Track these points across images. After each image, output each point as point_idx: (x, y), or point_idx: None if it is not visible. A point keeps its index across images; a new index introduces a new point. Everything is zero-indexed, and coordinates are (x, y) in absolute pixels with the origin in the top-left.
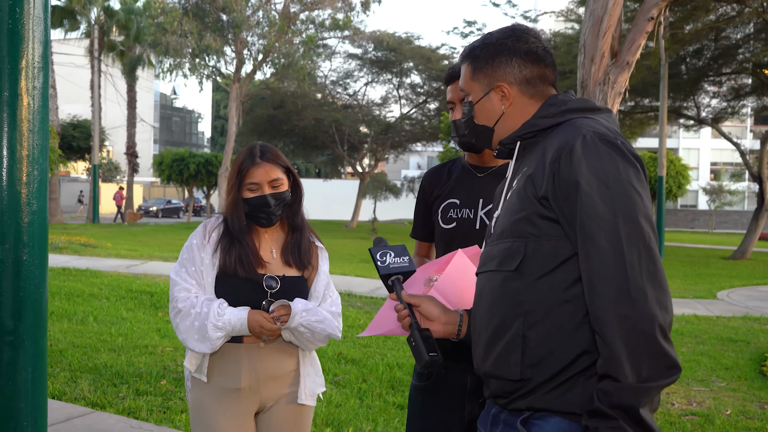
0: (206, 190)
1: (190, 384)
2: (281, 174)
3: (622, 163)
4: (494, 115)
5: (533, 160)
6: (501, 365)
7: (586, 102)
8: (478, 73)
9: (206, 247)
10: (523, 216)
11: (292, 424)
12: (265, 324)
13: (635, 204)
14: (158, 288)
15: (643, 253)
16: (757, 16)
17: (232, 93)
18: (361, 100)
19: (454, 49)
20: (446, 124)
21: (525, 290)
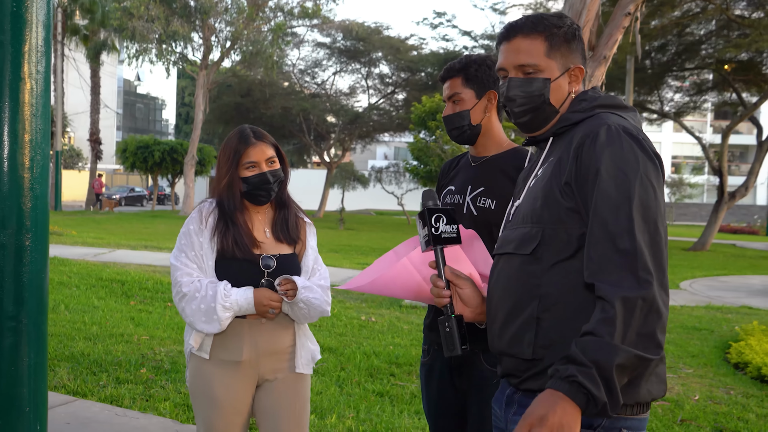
0: (171, 178)
1: (189, 359)
2: (273, 152)
3: (642, 157)
4: (562, 96)
5: (560, 149)
6: (515, 344)
7: (614, 99)
8: (555, 51)
9: (204, 232)
10: (543, 203)
11: (292, 394)
12: (271, 302)
13: (648, 196)
14: (129, 276)
15: (652, 239)
16: (720, 13)
17: (199, 80)
18: (329, 90)
19: (424, 40)
20: (417, 115)
21: (541, 274)
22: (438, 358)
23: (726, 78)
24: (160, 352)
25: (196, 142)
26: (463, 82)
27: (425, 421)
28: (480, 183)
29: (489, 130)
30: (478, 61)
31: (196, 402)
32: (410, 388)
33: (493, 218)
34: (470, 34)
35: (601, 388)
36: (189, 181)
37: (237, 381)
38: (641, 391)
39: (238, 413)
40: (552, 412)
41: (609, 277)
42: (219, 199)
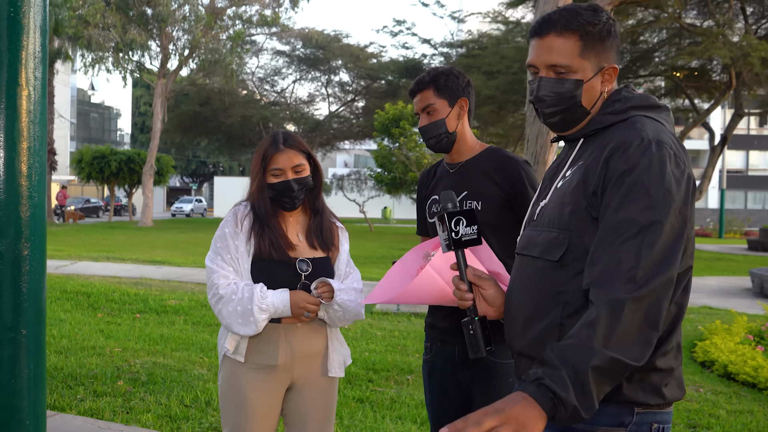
0: (128, 189)
1: (223, 362)
2: (303, 160)
3: (671, 175)
4: (594, 97)
5: (591, 155)
6: (536, 348)
7: (648, 99)
8: (589, 51)
9: (240, 235)
10: (572, 210)
11: (322, 397)
12: (308, 304)
13: (671, 218)
14: (94, 288)
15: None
16: (672, 21)
17: (157, 89)
18: (288, 98)
19: (383, 48)
20: (380, 122)
21: (566, 282)
22: (440, 355)
23: (678, 85)
24: (135, 363)
25: (154, 152)
26: (434, 93)
27: (408, 425)
28: (462, 187)
29: (463, 136)
30: (446, 72)
31: (226, 405)
32: (389, 393)
33: (481, 219)
34: (430, 42)
35: (570, 391)
36: (148, 191)
37: (270, 385)
38: (664, 394)
39: (268, 418)
40: (510, 407)
41: (604, 283)
42: (252, 203)
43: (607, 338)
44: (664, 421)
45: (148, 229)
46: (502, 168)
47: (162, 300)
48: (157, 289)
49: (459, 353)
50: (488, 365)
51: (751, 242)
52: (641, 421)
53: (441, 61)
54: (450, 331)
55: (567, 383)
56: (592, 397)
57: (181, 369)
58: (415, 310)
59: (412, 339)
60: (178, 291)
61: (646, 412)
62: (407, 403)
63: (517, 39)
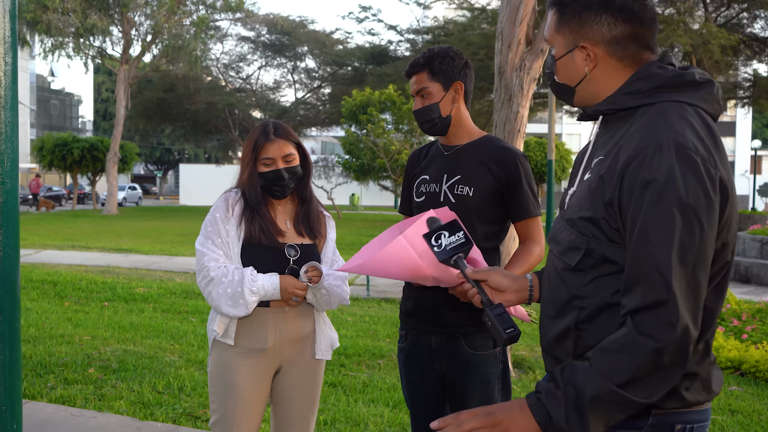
0: (91, 177)
1: (213, 346)
2: (293, 149)
3: (693, 188)
4: (577, 75)
5: (611, 152)
6: (556, 348)
7: (681, 77)
8: (563, 26)
9: (230, 220)
10: (590, 216)
11: (309, 379)
12: (296, 289)
13: (693, 236)
14: (60, 277)
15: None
16: None
17: (119, 75)
18: (254, 84)
19: (349, 34)
20: (348, 109)
21: (582, 287)
22: (416, 344)
23: None
24: (105, 351)
25: (118, 139)
26: (429, 76)
27: (381, 408)
28: (456, 171)
29: (459, 119)
30: (441, 53)
31: (216, 389)
32: (361, 378)
33: (471, 205)
34: (396, 28)
35: (561, 411)
36: (112, 179)
37: (259, 368)
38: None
39: (257, 401)
40: (501, 413)
41: (636, 311)
42: (242, 190)
43: (620, 373)
44: (693, 420)
45: (113, 217)
46: (499, 157)
47: (130, 288)
48: (125, 277)
49: (436, 343)
50: (465, 355)
51: None
52: (660, 423)
53: (407, 48)
54: (425, 320)
55: (561, 403)
56: (586, 424)
57: (152, 356)
58: (385, 295)
59: (382, 324)
60: (147, 279)
61: (666, 413)
62: (379, 387)
63: (482, 26)
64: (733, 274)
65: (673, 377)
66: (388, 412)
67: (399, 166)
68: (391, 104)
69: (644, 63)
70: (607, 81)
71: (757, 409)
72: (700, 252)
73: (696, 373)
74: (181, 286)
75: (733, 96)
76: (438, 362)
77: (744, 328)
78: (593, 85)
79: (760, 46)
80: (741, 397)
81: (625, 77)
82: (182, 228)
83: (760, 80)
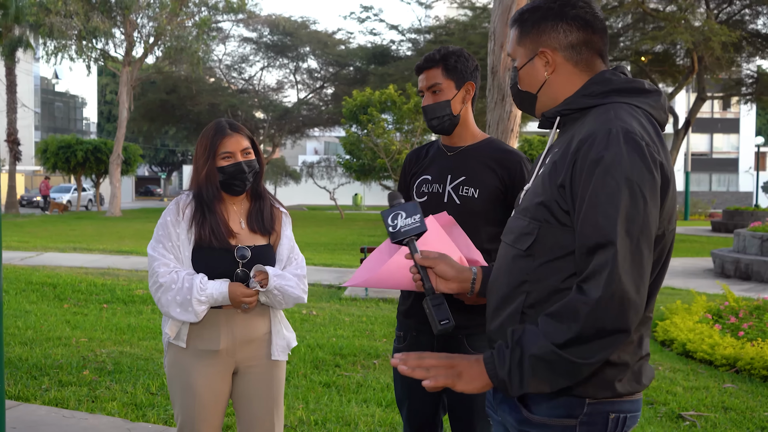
0: (95, 179)
1: (167, 349)
2: (248, 144)
3: (638, 165)
4: (537, 81)
5: (564, 143)
6: (500, 334)
7: (632, 83)
8: (524, 38)
9: (181, 223)
10: (542, 201)
11: (268, 380)
12: (245, 297)
13: (637, 209)
14: (60, 279)
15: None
16: (636, 6)
17: (122, 77)
18: (256, 85)
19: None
20: (348, 109)
21: (531, 271)
22: (416, 345)
23: (643, 69)
24: (101, 353)
25: (121, 141)
26: (443, 72)
27: (373, 408)
28: (461, 172)
29: (466, 120)
30: (457, 52)
31: (174, 391)
32: (356, 378)
33: (476, 207)
34: (397, 28)
35: (505, 367)
36: (115, 181)
37: (214, 370)
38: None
39: (215, 401)
40: (460, 360)
41: (583, 281)
42: (197, 190)
43: (560, 334)
44: (626, 410)
45: (116, 219)
46: (504, 159)
47: (129, 290)
48: (125, 279)
49: (437, 344)
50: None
51: (714, 224)
52: (594, 411)
53: (409, 47)
54: (427, 321)
55: (506, 359)
56: (525, 379)
57: (147, 357)
58: (383, 295)
59: (379, 324)
60: (146, 281)
61: (600, 402)
62: (373, 387)
63: (484, 24)
64: (733, 271)
65: (613, 344)
66: (379, 411)
67: (399, 166)
68: (392, 104)
69: (598, 71)
70: (565, 85)
71: (750, 406)
72: (644, 225)
73: (627, 363)
74: None
75: (737, 93)
76: None
77: (741, 326)
78: (553, 89)
79: (763, 43)
80: (735, 394)
81: (581, 82)
82: None
83: (763, 77)
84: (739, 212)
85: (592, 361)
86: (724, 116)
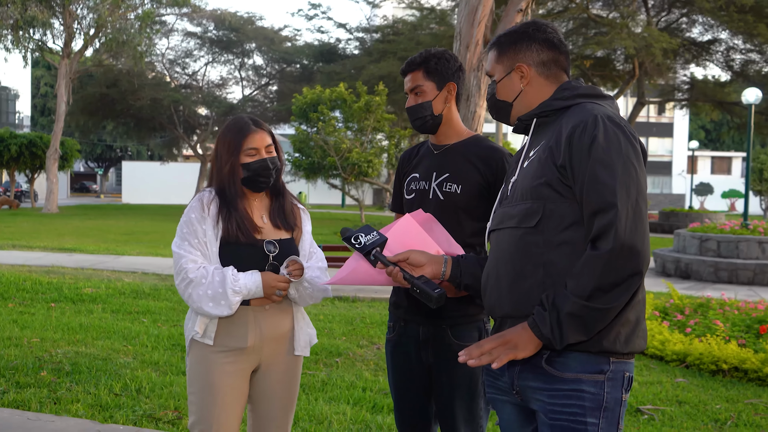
0: (30, 174)
1: (191, 346)
2: (271, 140)
3: (624, 141)
4: (513, 92)
5: (551, 134)
6: (523, 307)
7: (593, 89)
8: (502, 56)
9: (207, 220)
10: (543, 181)
11: (287, 377)
12: (279, 283)
13: (630, 176)
14: (2, 277)
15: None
16: (580, 12)
17: (61, 69)
18: (200, 81)
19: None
20: (298, 107)
21: (543, 244)
22: (404, 335)
23: (585, 73)
24: (56, 354)
25: (59, 135)
26: (424, 74)
27: (343, 406)
28: (445, 169)
29: (450, 119)
30: (438, 54)
31: (194, 388)
32: (320, 376)
33: (459, 202)
34: (345, 26)
35: (547, 326)
36: (52, 176)
37: (238, 367)
38: (633, 344)
39: (236, 400)
40: (509, 334)
41: (594, 240)
42: (219, 187)
43: (584, 288)
44: (631, 370)
45: (54, 215)
46: (487, 156)
47: (77, 288)
48: (71, 277)
49: (423, 334)
50: (451, 346)
51: (651, 225)
52: (617, 369)
53: (356, 46)
54: (414, 311)
55: (546, 320)
56: (565, 334)
57: (105, 358)
58: (339, 294)
59: (338, 322)
60: (94, 279)
61: (620, 362)
62: (338, 385)
63: (431, 25)
64: (673, 270)
65: (630, 287)
66: (349, 409)
67: (349, 165)
68: (342, 102)
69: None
70: (537, 95)
71: (702, 399)
72: (638, 186)
73: (639, 320)
74: (131, 286)
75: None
76: (425, 353)
77: (687, 322)
78: (527, 99)
79: (698, 50)
80: (687, 388)
81: (551, 92)
82: (126, 227)
83: (698, 83)
84: (674, 213)
85: (615, 304)
86: (659, 120)
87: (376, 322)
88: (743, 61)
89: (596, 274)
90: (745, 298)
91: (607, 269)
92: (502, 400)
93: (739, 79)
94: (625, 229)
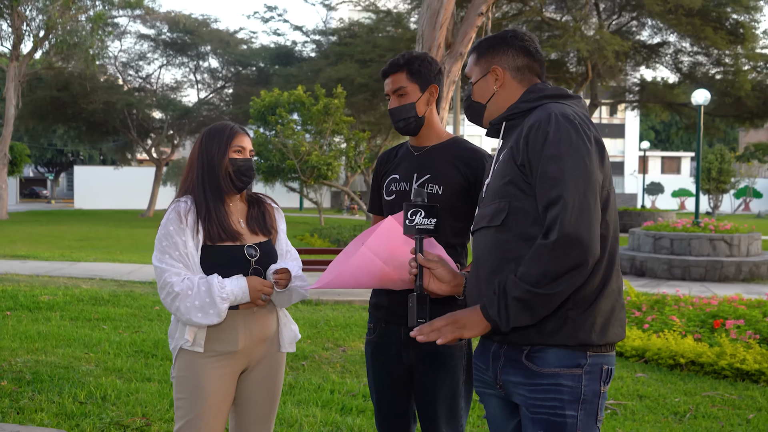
0: None
1: (178, 355)
2: (251, 147)
3: (575, 137)
4: (488, 93)
5: (514, 135)
6: None
7: (559, 90)
8: (480, 59)
9: (186, 231)
10: (508, 180)
11: (274, 374)
12: (265, 288)
13: (579, 171)
14: None
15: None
16: (535, 15)
17: (9, 72)
18: (154, 84)
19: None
20: (256, 110)
21: (512, 240)
22: (385, 335)
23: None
24: (15, 363)
25: (8, 140)
26: (407, 76)
27: (312, 409)
28: (426, 170)
29: (431, 121)
30: (420, 57)
31: (183, 394)
32: (287, 379)
33: (441, 202)
34: (302, 29)
35: (494, 308)
36: (1, 182)
37: (228, 371)
38: (610, 334)
39: (223, 403)
40: (460, 313)
41: (545, 231)
42: (197, 191)
43: (530, 275)
44: (610, 363)
45: (4, 222)
46: (468, 157)
47: (33, 296)
48: (26, 284)
49: (404, 334)
50: (432, 346)
51: None
52: (594, 362)
53: (313, 49)
54: (395, 312)
55: (494, 303)
56: (510, 317)
57: (67, 366)
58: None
59: (302, 326)
60: (50, 286)
61: (597, 355)
62: (306, 388)
63: (387, 28)
64: (629, 268)
65: (575, 276)
66: (319, 412)
67: (309, 167)
68: (300, 105)
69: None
70: (509, 98)
71: (662, 393)
72: (588, 180)
73: (614, 309)
74: (89, 292)
75: (624, 100)
76: (406, 353)
77: (645, 319)
78: (500, 100)
79: (648, 53)
80: (647, 383)
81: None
82: (80, 233)
83: (648, 85)
84: (627, 212)
85: (559, 290)
86: (611, 122)
87: (341, 325)
88: (691, 63)
89: (542, 261)
90: (699, 294)
91: (552, 257)
92: (488, 394)
93: (687, 81)
94: (570, 220)
